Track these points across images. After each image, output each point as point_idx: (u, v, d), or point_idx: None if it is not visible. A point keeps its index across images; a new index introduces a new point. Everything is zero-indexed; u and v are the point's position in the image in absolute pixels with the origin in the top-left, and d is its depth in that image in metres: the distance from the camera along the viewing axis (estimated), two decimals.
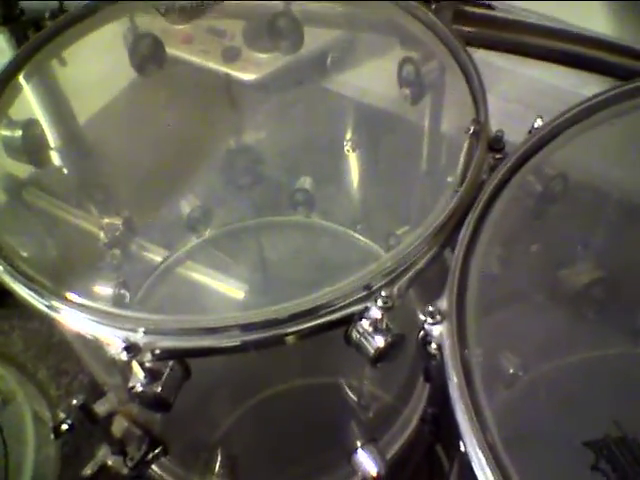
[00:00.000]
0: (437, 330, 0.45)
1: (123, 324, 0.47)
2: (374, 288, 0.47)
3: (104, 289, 0.85)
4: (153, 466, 0.73)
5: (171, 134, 0.92)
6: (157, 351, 0.46)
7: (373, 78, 0.81)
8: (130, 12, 0.72)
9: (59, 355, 1.22)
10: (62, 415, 1.01)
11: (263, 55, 1.18)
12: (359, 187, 0.93)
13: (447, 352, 0.43)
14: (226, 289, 0.99)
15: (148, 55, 0.75)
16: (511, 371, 0.53)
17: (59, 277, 0.59)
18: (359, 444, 0.71)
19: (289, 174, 0.95)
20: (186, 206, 0.96)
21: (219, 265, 0.98)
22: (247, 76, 1.06)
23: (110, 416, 0.69)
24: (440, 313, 0.45)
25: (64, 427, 0.96)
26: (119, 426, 0.68)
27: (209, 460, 0.74)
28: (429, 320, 0.45)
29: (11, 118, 0.64)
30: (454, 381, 0.42)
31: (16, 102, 0.65)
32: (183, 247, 0.98)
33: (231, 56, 1.08)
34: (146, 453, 0.68)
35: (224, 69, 1.08)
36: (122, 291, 0.88)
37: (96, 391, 1.17)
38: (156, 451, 0.69)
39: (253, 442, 0.74)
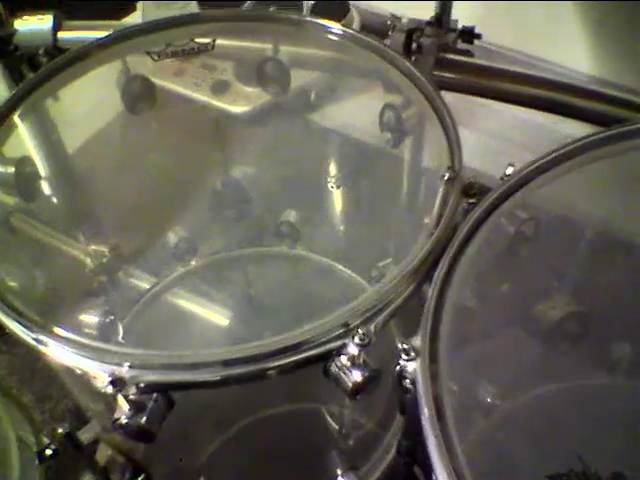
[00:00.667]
0: (411, 366, 0.47)
1: (109, 359, 0.49)
2: (351, 325, 0.49)
3: (90, 317, 0.86)
4: None
5: (160, 166, 0.95)
6: (142, 385, 0.48)
7: (358, 117, 0.84)
8: (123, 55, 0.75)
9: (44, 380, 1.23)
10: (46, 440, 1.02)
11: (252, 89, 1.22)
12: (342, 221, 0.95)
13: (420, 387, 0.46)
14: (211, 318, 1.00)
15: (139, 96, 0.77)
16: (483, 404, 0.55)
17: (46, 306, 0.62)
18: (339, 472, 0.73)
19: (274, 207, 0.98)
20: (172, 236, 0.98)
21: (204, 294, 1.00)
22: (236, 109, 1.09)
23: (94, 444, 0.70)
24: (414, 350, 0.48)
25: (48, 452, 0.97)
26: (103, 454, 0.69)
27: None
28: (404, 357, 0.48)
29: (4, 155, 0.66)
30: (426, 415, 0.44)
31: (10, 140, 0.67)
32: (169, 276, 1.00)
33: (221, 89, 1.11)
34: None
35: (213, 102, 1.11)
36: (108, 319, 0.89)
37: (80, 417, 1.18)
38: (139, 478, 0.71)
39: (235, 469, 0.76)
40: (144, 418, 0.49)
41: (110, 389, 0.47)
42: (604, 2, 1.12)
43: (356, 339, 0.48)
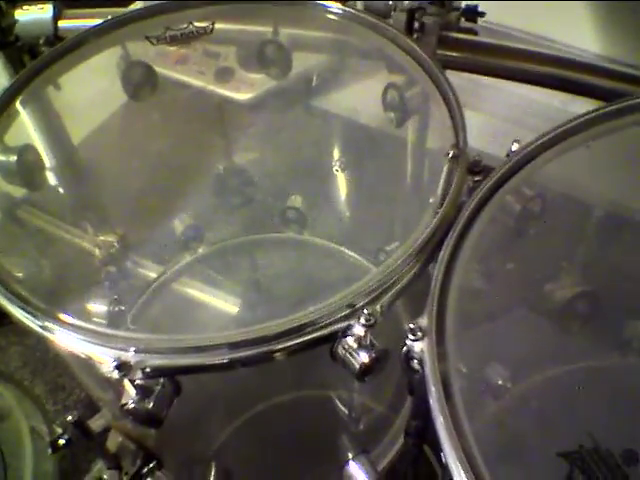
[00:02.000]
0: (418, 346, 0.47)
1: (114, 344, 0.49)
2: (357, 306, 0.49)
3: (99, 306, 0.86)
4: None
5: (164, 154, 0.94)
6: (147, 369, 0.48)
7: (361, 99, 0.84)
8: (122, 41, 0.74)
9: (56, 370, 1.24)
10: (59, 430, 1.03)
11: (256, 75, 1.21)
12: (348, 204, 0.95)
13: (427, 367, 0.45)
14: (218, 305, 1.00)
15: (140, 82, 0.77)
16: (492, 385, 0.55)
17: (53, 296, 0.62)
18: (351, 456, 0.73)
19: (280, 192, 0.97)
20: (179, 225, 0.98)
21: (212, 282, 1.00)
22: (240, 96, 1.08)
23: (105, 431, 0.70)
24: (421, 330, 0.47)
25: (61, 442, 0.97)
26: (114, 441, 0.69)
27: (203, 474, 0.75)
28: (411, 337, 0.47)
29: (7, 144, 0.66)
30: (434, 395, 0.43)
31: (12, 128, 0.66)
32: (176, 264, 1.00)
33: (224, 76, 1.10)
34: (141, 468, 0.69)
35: (217, 89, 1.11)
36: (117, 308, 0.89)
37: (92, 406, 1.18)
38: (150, 465, 0.71)
39: (246, 456, 0.76)
40: (151, 403, 0.49)
41: (116, 374, 0.47)
42: None
43: (362, 319, 0.48)
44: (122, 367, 0.47)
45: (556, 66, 0.82)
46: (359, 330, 0.48)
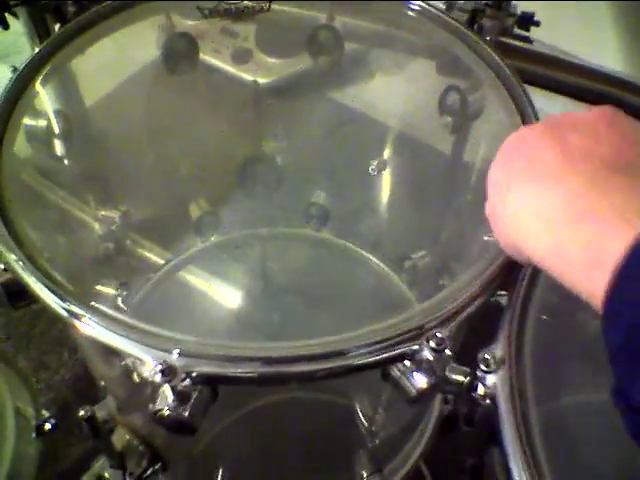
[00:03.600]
0: (491, 379, 0.43)
1: (157, 343, 0.44)
2: (426, 328, 0.45)
3: (105, 288, 0.81)
4: None
5: (185, 134, 0.89)
6: (194, 375, 0.43)
7: (412, 100, 0.79)
8: (166, 10, 0.69)
9: (41, 348, 1.18)
10: (45, 413, 0.97)
11: (275, 60, 1.16)
12: (376, 207, 0.91)
13: (502, 404, 0.41)
14: (226, 298, 0.96)
15: (181, 56, 0.72)
16: (573, 424, 0.51)
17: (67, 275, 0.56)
18: (365, 474, 0.69)
19: (305, 187, 0.93)
20: (196, 209, 0.93)
21: (221, 273, 0.95)
22: (255, 79, 1.04)
23: (111, 427, 0.66)
24: (495, 361, 0.43)
25: (47, 426, 0.92)
26: (120, 438, 0.65)
27: (209, 477, 0.71)
28: (483, 367, 0.43)
29: (36, 108, 0.61)
30: (510, 439, 0.40)
31: (41, 94, 0.61)
32: (187, 251, 0.95)
33: (242, 58, 1.06)
34: (146, 469, 0.65)
35: (233, 70, 1.06)
36: (124, 292, 0.85)
37: (78, 390, 1.13)
38: (156, 467, 0.66)
39: (257, 464, 0.72)
40: (187, 411, 0.44)
41: (158, 377, 0.42)
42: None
43: (432, 343, 0.44)
44: (167, 372, 0.42)
45: (613, 85, 0.78)
46: (427, 354, 0.44)
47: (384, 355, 0.43)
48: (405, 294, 0.88)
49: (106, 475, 0.65)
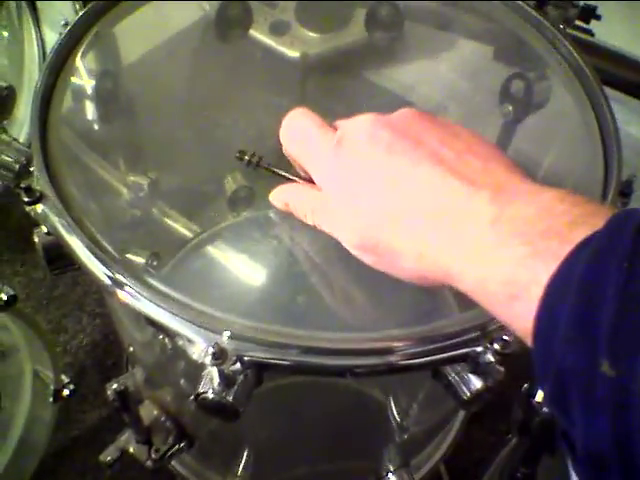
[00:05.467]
0: None
1: (208, 323, 0.42)
2: (489, 330, 0.43)
3: (134, 258, 0.80)
4: None
5: (223, 103, 0.87)
6: (246, 359, 0.41)
7: (463, 86, 0.76)
8: None
9: (60, 310, 1.17)
10: (65, 379, 0.96)
11: (313, 34, 1.13)
12: None
13: None
14: (254, 275, 0.94)
15: (235, 21, 0.70)
16: None
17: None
18: (392, 467, 0.68)
19: None
20: (231, 182, 0.90)
21: (251, 249, 0.93)
22: (292, 53, 1.01)
23: (137, 400, 0.64)
24: None
25: (66, 392, 0.91)
26: (148, 413, 0.63)
27: (232, 459, 0.70)
28: None
29: (82, 69, 0.59)
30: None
31: (90, 53, 0.59)
32: (217, 225, 0.93)
33: (279, 29, 1.03)
34: (172, 446, 0.64)
35: (272, 43, 1.03)
36: (153, 262, 0.83)
37: (96, 357, 1.12)
38: (182, 444, 0.65)
39: (281, 447, 0.70)
40: (232, 395, 0.42)
41: (209, 360, 0.41)
42: None
43: (496, 345, 0.42)
44: (219, 354, 0.40)
45: None
46: (490, 357, 0.42)
47: (443, 355, 0.41)
48: None
49: (131, 450, 0.64)
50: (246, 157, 0.59)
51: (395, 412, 0.68)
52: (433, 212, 0.35)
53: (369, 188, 0.38)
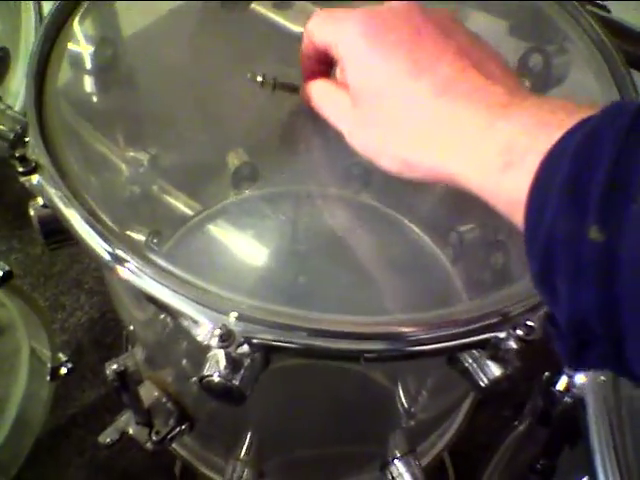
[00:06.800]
0: (581, 379, 0.39)
1: (214, 303, 0.40)
2: (512, 315, 0.41)
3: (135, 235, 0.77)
4: None
5: (225, 78, 0.84)
6: (254, 341, 0.39)
7: None
8: None
9: (57, 287, 1.15)
10: (62, 357, 0.94)
11: (318, 9, 1.10)
12: None
13: (592, 406, 0.37)
14: (255, 254, 0.92)
15: None
16: None
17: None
18: (398, 453, 0.66)
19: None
20: (234, 159, 0.88)
21: (253, 228, 0.91)
22: (296, 28, 0.98)
23: (136, 380, 0.62)
24: None
25: (63, 370, 0.89)
26: (148, 394, 0.61)
27: (234, 442, 0.68)
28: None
29: (82, 35, 0.56)
30: (598, 447, 0.36)
31: (87, 21, 0.57)
32: (219, 202, 0.91)
33: (283, 4, 1.00)
34: (173, 428, 0.62)
35: (273, 16, 1.00)
36: (153, 239, 0.81)
37: (93, 335, 1.10)
38: (183, 427, 0.63)
39: (285, 430, 0.69)
40: (239, 379, 0.41)
41: (215, 342, 0.39)
42: None
43: (519, 331, 0.40)
44: (226, 337, 0.38)
45: None
46: (512, 343, 0.40)
47: (462, 341, 0.39)
48: (446, 269, 0.84)
49: (130, 431, 0.62)
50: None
51: (403, 397, 0.66)
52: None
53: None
